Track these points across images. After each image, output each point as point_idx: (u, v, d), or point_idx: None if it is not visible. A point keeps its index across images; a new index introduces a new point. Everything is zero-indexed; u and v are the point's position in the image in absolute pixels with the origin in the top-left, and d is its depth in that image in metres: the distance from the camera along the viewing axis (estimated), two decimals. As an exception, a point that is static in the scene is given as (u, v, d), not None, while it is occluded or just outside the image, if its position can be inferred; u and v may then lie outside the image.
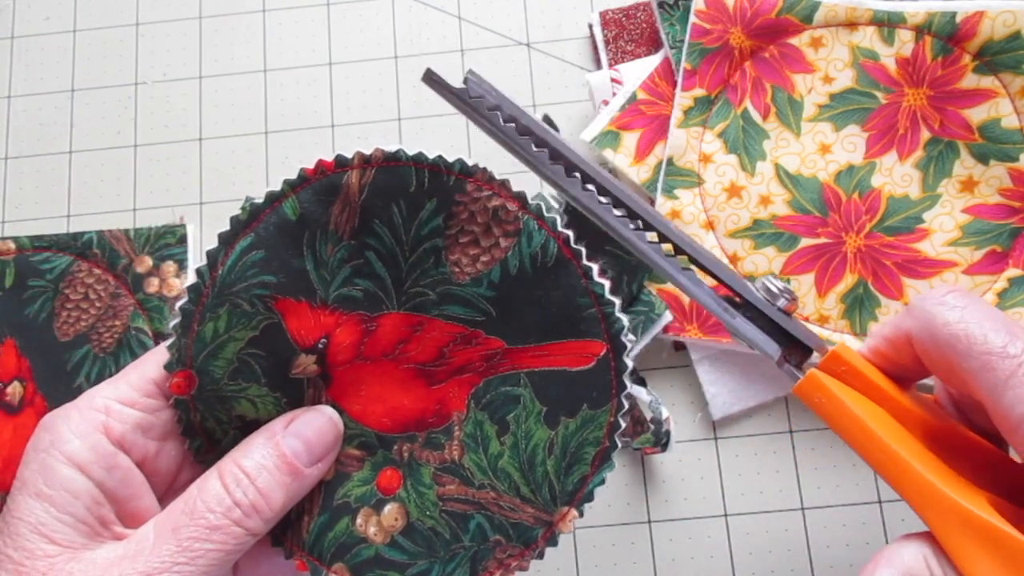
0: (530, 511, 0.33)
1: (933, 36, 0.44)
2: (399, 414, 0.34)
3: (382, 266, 0.33)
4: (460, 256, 0.33)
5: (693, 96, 0.45)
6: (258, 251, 0.32)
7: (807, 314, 0.43)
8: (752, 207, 0.44)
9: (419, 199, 0.33)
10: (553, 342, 0.33)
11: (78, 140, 0.50)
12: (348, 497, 0.34)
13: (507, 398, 0.33)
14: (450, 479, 0.33)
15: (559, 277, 0.33)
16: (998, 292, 0.42)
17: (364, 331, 0.33)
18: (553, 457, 0.33)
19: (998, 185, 0.43)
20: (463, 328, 0.33)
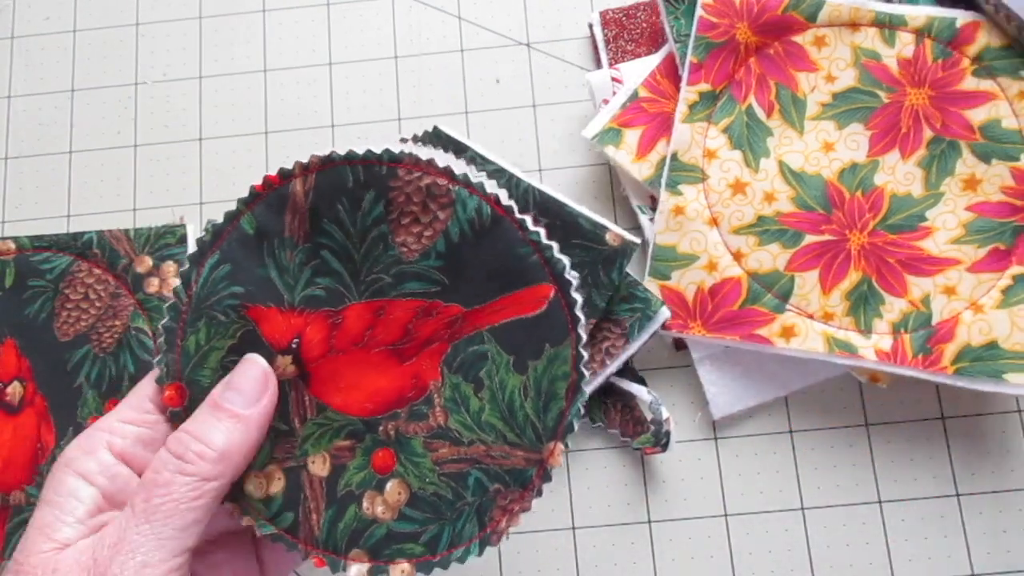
0: (520, 454, 0.35)
1: (933, 39, 0.44)
2: (379, 396, 0.35)
3: (338, 262, 0.35)
4: (405, 236, 0.35)
5: (698, 91, 0.45)
6: (225, 265, 0.35)
7: (811, 311, 0.43)
8: (756, 203, 0.44)
9: (358, 193, 0.35)
10: (506, 295, 0.35)
11: (78, 140, 0.50)
12: (349, 486, 0.35)
13: (476, 356, 0.35)
14: (440, 443, 0.35)
15: (498, 235, 0.35)
16: (1002, 289, 0.42)
17: (331, 325, 0.35)
18: (530, 399, 0.35)
19: (1000, 183, 0.43)
20: (422, 302, 0.35)
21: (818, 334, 0.42)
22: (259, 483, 0.35)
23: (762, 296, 0.43)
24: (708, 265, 0.43)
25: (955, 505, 0.44)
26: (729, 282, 0.43)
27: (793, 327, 0.43)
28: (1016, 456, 0.44)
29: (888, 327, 0.42)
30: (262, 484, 0.35)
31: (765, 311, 0.43)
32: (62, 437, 0.46)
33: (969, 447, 0.44)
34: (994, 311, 0.41)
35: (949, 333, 0.42)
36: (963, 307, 0.42)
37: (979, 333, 0.41)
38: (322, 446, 0.35)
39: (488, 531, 0.35)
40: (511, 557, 0.44)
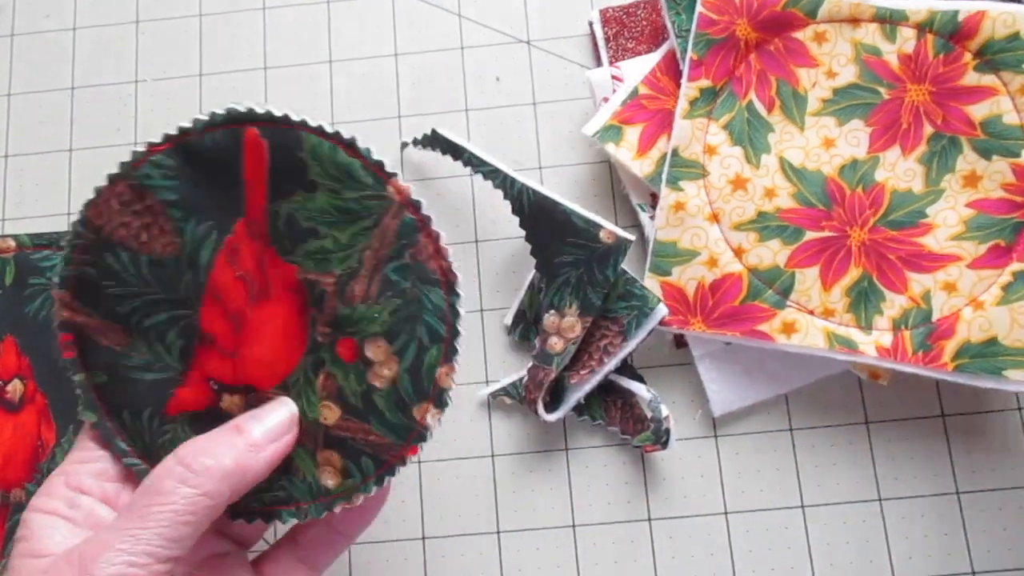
0: (389, 219, 0.34)
1: (935, 34, 0.44)
2: (291, 330, 0.35)
3: (158, 315, 0.35)
4: (157, 243, 0.35)
5: (699, 87, 0.45)
6: (122, 412, 0.36)
7: (812, 307, 0.43)
8: (757, 200, 0.44)
9: (103, 260, 0.35)
10: (241, 175, 0.34)
11: (78, 138, 0.50)
12: (356, 391, 0.35)
13: (288, 223, 0.34)
14: (350, 289, 0.35)
15: (183, 156, 0.35)
16: (1003, 286, 0.42)
17: (211, 346, 0.35)
18: (341, 190, 0.34)
19: (1001, 180, 0.43)
20: (220, 253, 0.35)
21: (819, 330, 0.42)
22: (329, 472, 0.35)
23: (763, 292, 0.43)
24: (709, 261, 0.43)
25: (955, 503, 0.44)
26: (730, 278, 0.43)
27: (794, 323, 0.43)
28: (1016, 454, 0.44)
29: (888, 323, 0.42)
30: (331, 472, 0.35)
31: (766, 307, 0.43)
32: (62, 435, 0.46)
33: (969, 445, 0.44)
34: (994, 308, 0.41)
35: (949, 330, 0.42)
36: (963, 304, 0.42)
37: (979, 330, 0.41)
38: (314, 403, 0.35)
39: (444, 278, 0.35)
40: (512, 554, 0.44)
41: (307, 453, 0.35)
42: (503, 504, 0.45)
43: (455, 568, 0.44)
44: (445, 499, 0.45)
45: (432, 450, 0.46)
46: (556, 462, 0.45)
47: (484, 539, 0.45)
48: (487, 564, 0.44)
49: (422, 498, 0.45)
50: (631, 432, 0.44)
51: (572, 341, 0.43)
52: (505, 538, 0.44)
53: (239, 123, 0.34)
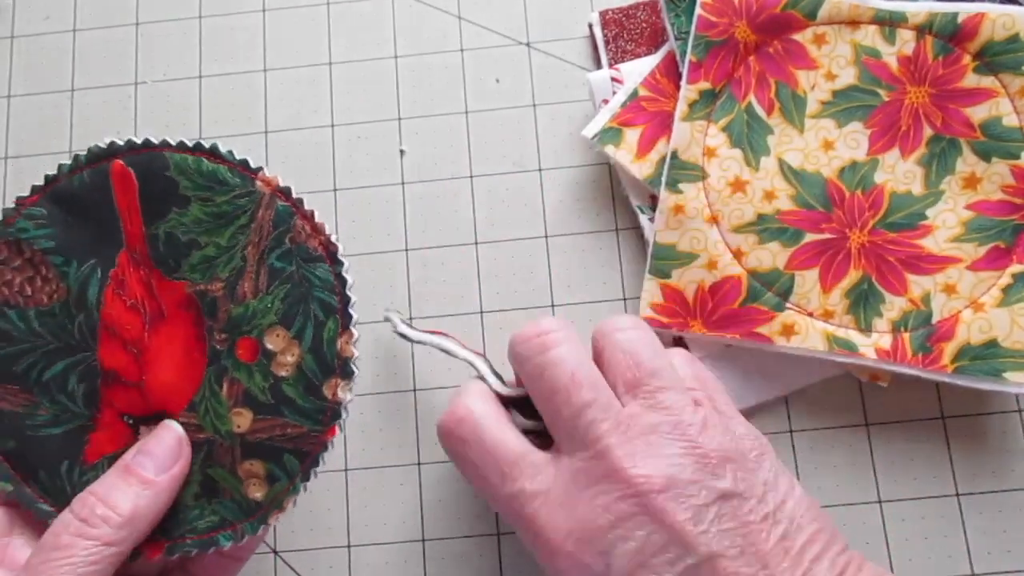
0: (263, 212, 0.36)
1: (934, 36, 0.44)
2: (190, 346, 0.36)
3: (53, 368, 0.35)
4: (42, 296, 0.36)
5: (698, 89, 0.45)
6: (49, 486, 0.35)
7: (812, 309, 0.43)
8: (756, 202, 0.44)
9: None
10: (117, 206, 0.36)
11: (78, 140, 0.50)
12: (264, 388, 0.35)
13: (169, 243, 0.36)
14: (237, 288, 0.35)
15: (55, 201, 0.36)
16: (1003, 288, 0.42)
17: (116, 384, 0.35)
18: (211, 190, 0.36)
19: (1000, 182, 0.43)
20: (108, 287, 0.36)
21: (818, 332, 0.42)
22: (255, 484, 0.35)
23: (762, 294, 0.43)
24: (708, 263, 0.43)
25: (955, 505, 0.44)
26: (729, 280, 0.43)
27: (793, 325, 0.43)
28: (1016, 456, 0.44)
29: (888, 325, 0.42)
30: (257, 484, 0.35)
31: (765, 309, 0.43)
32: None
33: (969, 446, 0.44)
34: (994, 309, 0.41)
35: (949, 331, 0.42)
36: (963, 306, 0.42)
37: (979, 331, 0.41)
38: (223, 414, 0.35)
39: (325, 251, 0.36)
40: (511, 557, 0.44)
41: (227, 471, 0.35)
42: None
43: (455, 570, 0.44)
44: (444, 501, 0.45)
45: (432, 452, 0.45)
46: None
47: (484, 540, 0.44)
48: (487, 566, 0.44)
49: (422, 500, 0.45)
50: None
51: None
52: (505, 540, 0.44)
53: (103, 159, 0.36)
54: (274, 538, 0.45)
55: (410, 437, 0.46)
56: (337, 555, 0.45)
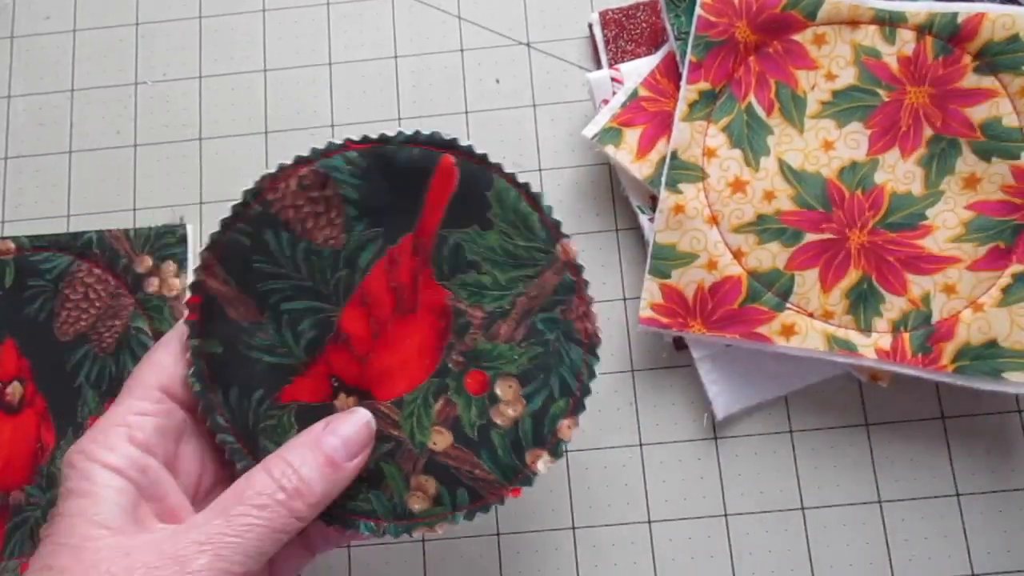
0: (550, 274, 0.37)
1: (934, 36, 0.44)
2: (426, 350, 0.37)
3: (300, 301, 0.36)
4: (320, 234, 0.36)
5: (698, 89, 0.45)
6: (232, 389, 0.36)
7: (811, 310, 0.43)
8: (756, 202, 0.44)
9: (261, 241, 0.36)
10: (425, 194, 0.37)
11: (78, 140, 0.50)
12: (474, 424, 0.36)
13: (453, 252, 0.37)
14: (496, 326, 0.37)
15: (378, 162, 0.36)
16: (1002, 288, 0.42)
17: (344, 346, 0.36)
18: (513, 235, 0.37)
19: (1000, 182, 0.43)
20: (381, 260, 0.36)
21: (818, 332, 0.42)
22: (419, 497, 0.36)
23: (762, 294, 0.43)
24: (708, 264, 0.43)
25: (955, 505, 0.44)
26: (729, 280, 0.43)
27: (793, 325, 0.43)
28: (1016, 456, 0.44)
29: (888, 325, 0.42)
30: (421, 498, 0.36)
31: (765, 309, 0.43)
32: (62, 437, 0.46)
33: (969, 447, 0.44)
34: (994, 309, 0.41)
35: (949, 332, 0.42)
36: (963, 306, 0.42)
37: (979, 332, 0.41)
38: (427, 426, 0.36)
39: (587, 340, 0.37)
40: (511, 557, 0.44)
41: (401, 475, 0.36)
42: (503, 506, 0.45)
43: (455, 570, 0.44)
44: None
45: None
46: (557, 464, 0.45)
47: (484, 541, 0.45)
48: (487, 566, 0.44)
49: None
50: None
51: None
52: (505, 540, 0.44)
53: (439, 147, 0.37)
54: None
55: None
56: (337, 555, 0.45)
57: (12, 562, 0.44)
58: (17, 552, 0.44)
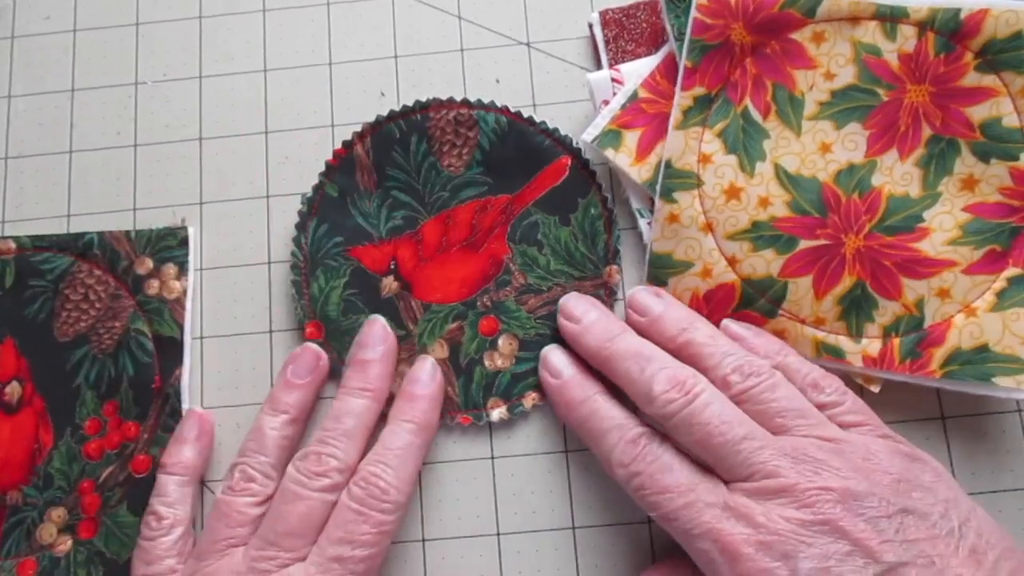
0: (588, 284, 0.45)
1: (936, 33, 0.43)
2: (469, 281, 0.46)
3: (405, 195, 0.47)
4: (449, 159, 0.47)
5: (693, 95, 0.44)
6: (324, 225, 0.46)
7: (804, 316, 0.43)
8: (751, 209, 0.44)
9: (406, 139, 0.47)
10: (536, 176, 0.46)
11: (78, 140, 0.50)
12: (469, 355, 0.45)
13: (530, 226, 0.46)
14: (527, 297, 0.45)
15: (517, 134, 0.47)
16: (997, 292, 0.41)
17: (416, 243, 0.46)
18: (580, 241, 0.46)
19: (998, 184, 0.42)
20: (476, 202, 0.46)
21: (807, 339, 0.42)
22: (397, 383, 0.44)
23: (755, 301, 0.43)
24: (703, 272, 0.43)
25: (955, 505, 0.44)
26: (723, 288, 0.43)
27: (783, 332, 0.43)
28: (1016, 456, 0.44)
29: (879, 331, 0.42)
30: (396, 383, 0.44)
31: (757, 315, 0.43)
32: (59, 438, 0.46)
33: (969, 447, 0.44)
34: (987, 314, 0.41)
35: (940, 337, 0.41)
36: (956, 310, 0.42)
37: (970, 336, 0.41)
38: (436, 335, 0.45)
39: None
40: (511, 557, 0.44)
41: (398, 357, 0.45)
42: (503, 506, 0.45)
43: (455, 570, 0.44)
44: (445, 501, 0.45)
45: (432, 453, 0.46)
46: (556, 464, 0.45)
47: (484, 541, 0.45)
48: (487, 566, 0.44)
49: (422, 501, 0.45)
50: None
51: None
52: (505, 540, 0.44)
53: (565, 148, 0.46)
54: (274, 538, 0.45)
55: (410, 437, 0.46)
56: (337, 555, 0.45)
57: (8, 562, 0.44)
58: (14, 552, 0.44)
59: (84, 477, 0.45)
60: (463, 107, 0.46)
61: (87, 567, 0.44)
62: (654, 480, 0.37)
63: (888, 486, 0.35)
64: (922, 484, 0.36)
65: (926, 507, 0.35)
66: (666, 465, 0.37)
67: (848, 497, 0.34)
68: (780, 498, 0.35)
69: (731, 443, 0.36)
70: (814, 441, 0.37)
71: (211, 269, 0.48)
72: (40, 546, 0.44)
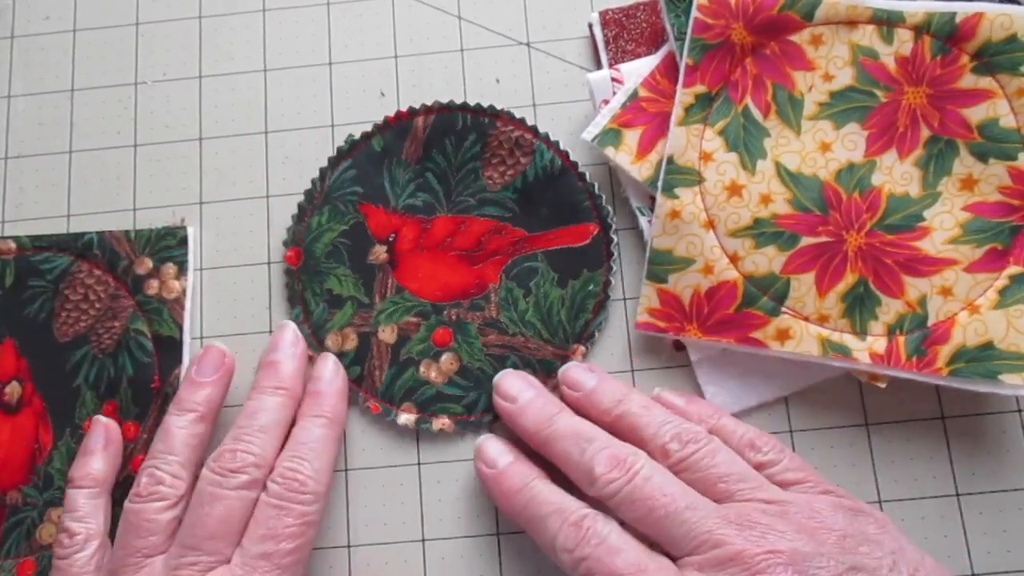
0: (551, 349, 0.45)
1: (932, 36, 0.44)
2: (449, 288, 0.46)
3: (437, 182, 0.47)
4: (492, 172, 0.47)
5: (694, 93, 0.45)
6: (352, 170, 0.47)
7: (807, 314, 0.43)
8: (753, 206, 0.44)
9: (464, 134, 0.47)
10: (561, 228, 0.46)
11: (78, 140, 0.50)
12: (410, 353, 0.46)
13: (529, 270, 0.46)
14: (490, 331, 0.45)
15: (563, 181, 0.46)
16: (999, 290, 0.42)
17: (422, 229, 0.47)
18: (565, 309, 0.45)
19: (998, 183, 0.43)
20: (495, 222, 0.46)
21: (813, 337, 0.42)
22: (336, 340, 0.46)
23: (758, 299, 0.43)
24: (704, 268, 0.43)
25: (955, 505, 0.44)
26: (725, 285, 0.43)
27: (788, 330, 0.43)
28: (1016, 456, 0.44)
29: (883, 329, 0.42)
30: (338, 341, 0.46)
31: (760, 314, 0.43)
32: (59, 438, 0.46)
33: (969, 447, 0.44)
34: (990, 312, 0.41)
35: (945, 335, 0.42)
36: (959, 308, 0.42)
37: (975, 334, 0.41)
38: (394, 319, 0.46)
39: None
40: (511, 556, 0.44)
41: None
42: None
43: (455, 570, 0.44)
44: (444, 501, 0.45)
45: (432, 453, 0.46)
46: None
47: (484, 541, 0.44)
48: (487, 567, 0.44)
49: (422, 500, 0.45)
50: None
51: None
52: (504, 540, 0.44)
53: (598, 218, 0.46)
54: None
55: (411, 436, 0.46)
56: (337, 555, 0.45)
57: (8, 562, 0.44)
58: (13, 552, 0.44)
59: (84, 477, 0.45)
60: (529, 132, 0.46)
61: (86, 567, 0.44)
62: (602, 564, 0.36)
63: (835, 544, 0.35)
64: (868, 538, 0.36)
65: (874, 561, 0.35)
66: (613, 547, 0.36)
67: (797, 559, 0.34)
68: (731, 567, 0.34)
69: (675, 515, 0.36)
70: (758, 505, 0.37)
71: (211, 269, 0.48)
72: (40, 546, 0.44)
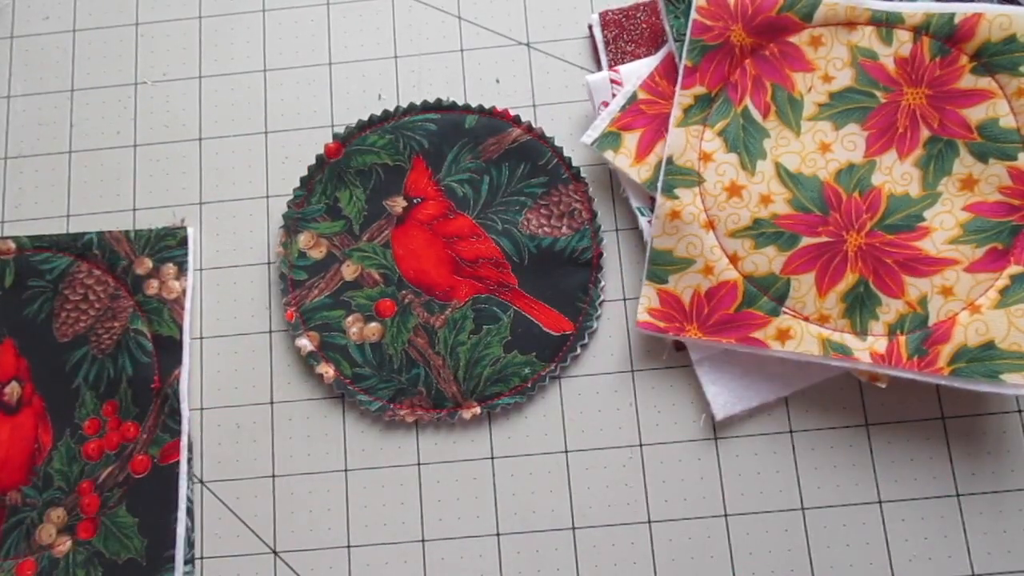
0: (454, 389, 0.46)
1: (931, 37, 0.44)
2: (423, 275, 0.47)
3: (486, 189, 0.48)
4: (533, 217, 0.47)
5: (693, 94, 0.45)
6: (433, 125, 0.48)
7: (807, 314, 0.43)
8: (752, 206, 0.44)
9: (538, 172, 0.48)
10: (543, 306, 0.47)
11: (78, 140, 0.50)
12: (353, 299, 0.47)
13: (493, 315, 0.47)
14: (422, 334, 0.47)
15: (579, 272, 0.47)
16: (1000, 289, 0.41)
17: (445, 215, 0.48)
18: (491, 368, 0.46)
19: (998, 183, 0.43)
20: (501, 256, 0.47)
21: (813, 337, 0.42)
22: (308, 240, 0.47)
23: (758, 299, 0.43)
24: (704, 269, 0.43)
25: (955, 505, 0.44)
26: (725, 285, 0.43)
27: (788, 330, 0.43)
28: (1016, 456, 0.44)
29: (884, 328, 0.42)
30: (309, 242, 0.47)
31: (761, 314, 0.43)
32: (59, 438, 0.46)
33: (969, 447, 0.44)
34: (991, 311, 0.41)
35: (946, 334, 0.41)
36: (960, 308, 0.42)
37: (976, 334, 0.41)
38: (363, 263, 0.47)
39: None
40: (511, 557, 0.44)
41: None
42: (503, 507, 0.45)
43: (455, 570, 0.44)
44: (444, 501, 0.45)
45: (432, 453, 0.46)
46: (557, 464, 0.45)
47: (484, 541, 0.44)
48: (486, 566, 0.44)
49: (422, 500, 0.45)
50: None
51: None
52: (504, 540, 0.44)
53: (578, 321, 0.46)
54: (274, 538, 0.45)
55: (410, 437, 0.46)
56: (337, 555, 0.45)
57: (8, 562, 0.44)
58: (13, 552, 0.44)
59: (83, 477, 0.45)
60: (589, 211, 0.46)
61: (86, 567, 0.44)
62: None
63: None
64: None
65: None
66: None
67: None
68: None
69: None
70: None
71: (210, 269, 0.48)
72: (39, 546, 0.44)
